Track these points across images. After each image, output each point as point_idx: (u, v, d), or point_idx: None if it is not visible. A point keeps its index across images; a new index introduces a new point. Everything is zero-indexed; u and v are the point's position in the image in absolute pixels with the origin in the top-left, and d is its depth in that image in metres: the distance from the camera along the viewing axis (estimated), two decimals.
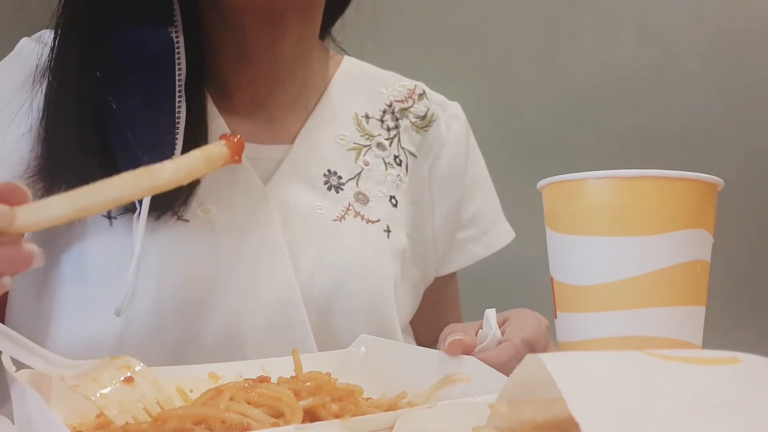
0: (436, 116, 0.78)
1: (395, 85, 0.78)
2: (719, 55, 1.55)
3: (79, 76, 0.59)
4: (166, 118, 0.59)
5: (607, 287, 0.46)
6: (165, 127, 0.59)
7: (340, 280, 0.65)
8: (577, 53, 1.61)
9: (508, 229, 0.82)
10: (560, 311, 0.49)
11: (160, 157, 0.58)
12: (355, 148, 0.73)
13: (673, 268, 0.45)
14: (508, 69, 1.64)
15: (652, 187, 0.45)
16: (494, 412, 0.29)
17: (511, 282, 1.43)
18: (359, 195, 0.71)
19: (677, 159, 1.42)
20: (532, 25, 1.63)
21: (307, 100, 0.73)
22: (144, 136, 0.58)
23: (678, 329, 0.46)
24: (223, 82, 0.67)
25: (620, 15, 1.59)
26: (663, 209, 0.45)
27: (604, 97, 1.59)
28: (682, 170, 0.46)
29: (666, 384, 0.23)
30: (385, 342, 0.59)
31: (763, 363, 0.26)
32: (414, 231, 0.74)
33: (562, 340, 0.49)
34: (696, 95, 1.55)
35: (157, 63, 0.60)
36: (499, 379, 0.48)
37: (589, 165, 0.51)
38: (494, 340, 0.55)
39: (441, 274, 0.79)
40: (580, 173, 0.47)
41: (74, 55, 0.59)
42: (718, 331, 0.52)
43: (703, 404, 0.22)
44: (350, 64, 0.78)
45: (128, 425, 0.40)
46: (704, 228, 0.47)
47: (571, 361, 0.24)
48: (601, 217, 0.46)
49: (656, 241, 0.45)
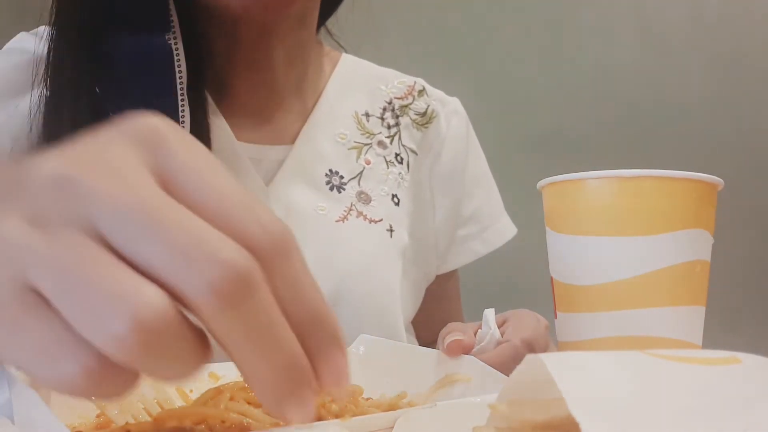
0: (437, 113, 0.78)
1: (394, 82, 0.78)
2: (719, 56, 1.55)
3: (75, 87, 0.58)
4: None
5: (607, 287, 0.46)
6: None
7: (344, 282, 0.65)
8: (577, 53, 1.61)
9: (509, 225, 0.81)
10: (560, 311, 0.49)
11: None
12: (356, 147, 0.73)
13: (673, 268, 0.45)
14: (508, 68, 1.64)
15: (652, 187, 0.45)
16: (494, 412, 0.29)
17: (511, 282, 1.43)
18: (361, 194, 0.71)
19: (677, 159, 1.42)
20: (532, 24, 1.63)
21: (306, 99, 0.73)
22: None
23: (678, 329, 0.46)
24: (221, 84, 0.67)
25: (620, 15, 1.59)
26: (663, 209, 0.45)
27: (604, 97, 1.59)
28: (682, 170, 0.46)
29: (666, 384, 0.23)
30: (384, 342, 0.59)
31: (764, 363, 0.26)
32: (415, 229, 0.74)
33: (562, 340, 0.49)
34: (696, 95, 1.55)
35: (157, 70, 0.59)
36: (499, 379, 0.48)
37: (589, 165, 0.51)
38: (493, 340, 0.55)
39: (442, 271, 0.79)
40: (580, 173, 0.47)
41: (69, 63, 0.58)
42: (718, 331, 0.52)
43: (703, 404, 0.22)
44: (348, 62, 0.78)
45: (128, 425, 0.40)
46: (704, 228, 0.47)
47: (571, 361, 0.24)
48: (601, 217, 0.46)
49: (656, 241, 0.45)
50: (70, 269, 0.22)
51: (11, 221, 0.23)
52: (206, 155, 0.25)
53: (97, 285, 0.22)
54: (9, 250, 0.23)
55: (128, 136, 0.25)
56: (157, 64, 0.59)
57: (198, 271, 0.22)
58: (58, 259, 0.22)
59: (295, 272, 0.25)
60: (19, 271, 0.23)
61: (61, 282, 0.22)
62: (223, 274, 0.22)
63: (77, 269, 0.22)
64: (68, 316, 0.22)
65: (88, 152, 0.24)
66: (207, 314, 0.23)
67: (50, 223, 0.23)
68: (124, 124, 0.25)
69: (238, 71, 0.67)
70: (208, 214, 0.23)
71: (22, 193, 0.24)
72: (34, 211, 0.23)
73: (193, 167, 0.24)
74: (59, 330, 0.22)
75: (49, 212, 0.23)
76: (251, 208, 0.24)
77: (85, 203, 0.23)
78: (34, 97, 0.59)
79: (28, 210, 0.24)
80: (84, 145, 0.25)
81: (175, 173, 0.24)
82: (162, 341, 0.22)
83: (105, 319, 0.21)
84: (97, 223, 0.22)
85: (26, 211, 0.24)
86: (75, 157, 0.24)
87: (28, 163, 0.25)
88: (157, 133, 0.25)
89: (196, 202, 0.23)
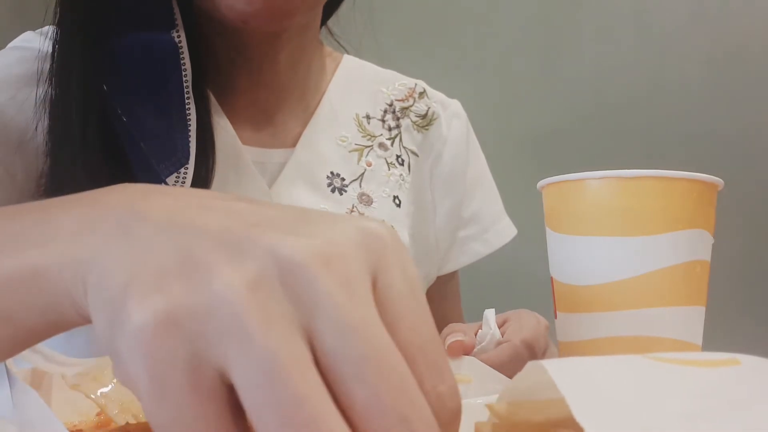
0: (437, 114, 0.78)
1: (395, 84, 0.78)
2: (719, 55, 1.55)
3: (83, 84, 0.57)
4: (178, 125, 0.58)
5: (607, 287, 0.46)
6: (178, 134, 0.58)
7: None
8: (577, 53, 1.61)
9: (510, 226, 0.81)
10: (560, 311, 0.49)
11: (175, 165, 0.58)
12: (357, 149, 0.73)
13: (673, 268, 0.45)
14: (507, 68, 1.64)
15: (652, 187, 0.45)
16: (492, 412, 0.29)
17: (511, 282, 1.43)
18: (363, 196, 0.71)
19: (677, 159, 1.42)
20: (532, 24, 1.63)
21: (308, 102, 0.73)
22: (158, 146, 0.57)
23: (678, 329, 0.46)
24: (223, 85, 0.67)
25: (620, 15, 1.59)
26: (663, 209, 0.45)
27: (604, 97, 1.59)
28: (682, 170, 0.46)
29: (667, 387, 0.23)
30: None
31: (763, 364, 0.26)
32: (416, 230, 0.74)
33: (562, 340, 0.49)
34: (696, 95, 1.55)
35: (163, 69, 0.58)
36: (499, 379, 0.48)
37: (589, 165, 0.51)
38: (493, 340, 0.55)
39: (443, 272, 0.79)
40: (580, 173, 0.47)
41: (75, 62, 0.57)
42: (718, 331, 0.52)
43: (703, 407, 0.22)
44: (349, 64, 0.78)
45: (128, 425, 0.40)
46: (704, 228, 0.47)
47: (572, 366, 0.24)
48: (601, 217, 0.46)
49: (656, 241, 0.45)
50: (278, 374, 0.20)
51: (234, 276, 0.21)
52: (417, 291, 0.23)
53: (302, 408, 0.20)
54: (218, 315, 0.21)
55: (364, 243, 0.23)
56: (165, 60, 0.58)
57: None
58: (268, 355, 0.20)
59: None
60: (213, 346, 0.21)
61: (262, 386, 0.20)
62: None
63: (285, 377, 0.20)
64: (255, 417, 0.20)
65: (330, 247, 0.22)
66: None
67: (270, 305, 0.21)
68: (361, 223, 0.24)
69: (240, 73, 0.67)
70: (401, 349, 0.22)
71: (249, 254, 0.22)
72: (258, 282, 0.21)
73: (405, 306, 0.23)
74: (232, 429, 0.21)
75: (273, 295, 0.21)
76: (438, 367, 0.23)
77: (314, 301, 0.21)
78: (39, 94, 0.59)
79: (252, 275, 0.21)
80: (326, 233, 0.23)
81: (389, 303, 0.23)
82: None
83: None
84: (315, 328, 0.21)
85: (250, 274, 0.21)
86: (319, 247, 0.22)
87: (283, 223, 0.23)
88: (385, 248, 0.23)
89: (400, 346, 0.22)
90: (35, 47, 0.61)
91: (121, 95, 0.58)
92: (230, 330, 0.20)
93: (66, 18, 0.58)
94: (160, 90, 0.59)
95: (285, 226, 0.23)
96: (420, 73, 0.82)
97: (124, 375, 0.22)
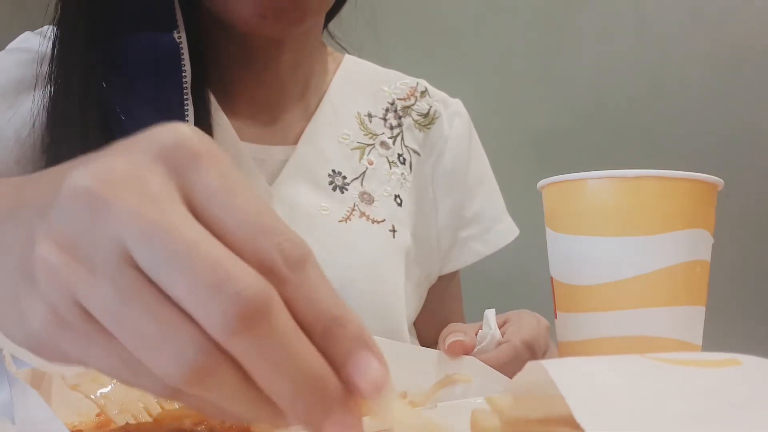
0: (439, 113, 0.78)
1: (397, 83, 0.78)
2: (719, 55, 1.55)
3: (83, 83, 0.57)
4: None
5: (607, 287, 0.46)
6: None
7: (347, 282, 0.65)
8: (577, 53, 1.61)
9: (512, 227, 0.81)
10: (560, 311, 0.49)
11: None
12: (358, 148, 0.73)
13: (673, 268, 0.45)
14: (507, 68, 1.64)
15: (652, 187, 0.45)
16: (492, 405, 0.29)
17: (511, 282, 1.43)
18: (364, 195, 0.71)
19: (677, 159, 1.42)
20: (532, 24, 1.63)
21: (310, 100, 0.73)
22: None
23: (678, 329, 0.46)
24: (224, 84, 0.67)
25: (620, 15, 1.59)
26: (663, 209, 0.45)
27: (604, 97, 1.59)
28: (682, 170, 0.46)
29: (666, 388, 0.23)
30: (384, 342, 0.58)
31: (763, 365, 0.26)
32: (418, 229, 0.74)
33: (562, 340, 0.49)
34: (696, 95, 1.55)
35: (163, 68, 0.59)
36: (499, 379, 0.48)
37: (589, 165, 0.51)
38: (494, 340, 0.55)
39: (444, 272, 0.79)
40: (581, 173, 0.47)
41: (76, 61, 0.58)
42: (718, 331, 0.52)
43: (704, 407, 0.22)
44: (351, 63, 0.78)
45: (128, 425, 0.40)
46: (704, 228, 0.47)
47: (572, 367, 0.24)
48: (601, 217, 0.46)
49: (656, 241, 0.45)
50: (119, 301, 0.23)
51: (48, 244, 0.24)
52: (232, 173, 0.25)
53: (148, 320, 0.23)
54: (53, 275, 0.24)
55: (158, 151, 0.25)
56: (165, 60, 0.59)
57: (214, 304, 0.22)
58: (103, 289, 0.23)
59: (310, 284, 0.25)
60: (67, 295, 0.24)
61: (111, 314, 0.23)
62: (238, 307, 0.22)
63: (124, 302, 0.23)
64: (126, 342, 0.24)
65: (119, 169, 0.24)
66: (223, 342, 0.23)
67: (85, 248, 0.24)
68: (154, 135, 0.25)
69: (243, 72, 0.67)
70: (230, 238, 0.24)
71: (54, 209, 0.24)
72: (67, 235, 0.24)
73: (217, 188, 0.24)
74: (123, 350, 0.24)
75: (82, 237, 0.24)
76: (271, 230, 0.24)
77: (116, 228, 0.23)
78: (37, 94, 0.59)
79: (62, 232, 0.24)
80: (114, 160, 0.24)
81: (200, 193, 0.24)
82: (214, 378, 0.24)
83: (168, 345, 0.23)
84: (129, 248, 0.23)
85: (60, 233, 0.24)
86: (105, 173, 0.24)
87: (58, 174, 0.25)
88: (187, 149, 0.25)
89: (218, 225, 0.24)
90: (34, 48, 0.61)
91: (120, 94, 0.58)
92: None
93: (67, 17, 0.58)
94: (159, 90, 0.59)
95: (88, 159, 0.25)
96: (420, 74, 0.82)
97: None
